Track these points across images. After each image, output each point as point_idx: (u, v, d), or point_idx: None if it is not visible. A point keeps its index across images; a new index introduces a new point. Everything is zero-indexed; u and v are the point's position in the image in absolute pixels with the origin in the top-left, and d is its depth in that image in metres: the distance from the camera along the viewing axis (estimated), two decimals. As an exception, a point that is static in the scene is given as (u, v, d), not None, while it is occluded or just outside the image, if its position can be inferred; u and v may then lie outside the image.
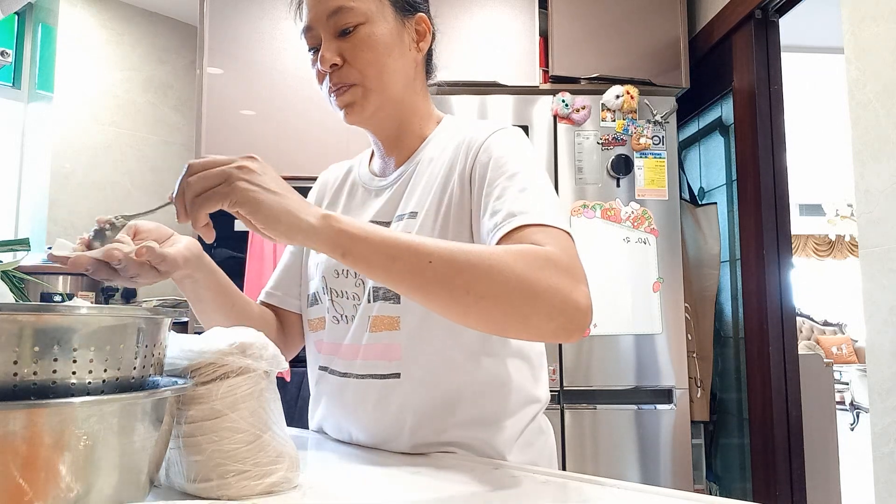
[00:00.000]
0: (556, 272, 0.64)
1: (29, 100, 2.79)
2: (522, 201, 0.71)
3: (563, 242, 0.68)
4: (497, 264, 0.62)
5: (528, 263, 0.63)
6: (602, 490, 0.62)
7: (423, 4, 0.91)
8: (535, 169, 0.79)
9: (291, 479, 0.61)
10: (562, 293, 0.63)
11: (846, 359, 7.26)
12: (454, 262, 0.62)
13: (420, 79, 0.92)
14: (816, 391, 2.33)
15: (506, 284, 0.62)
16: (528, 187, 0.74)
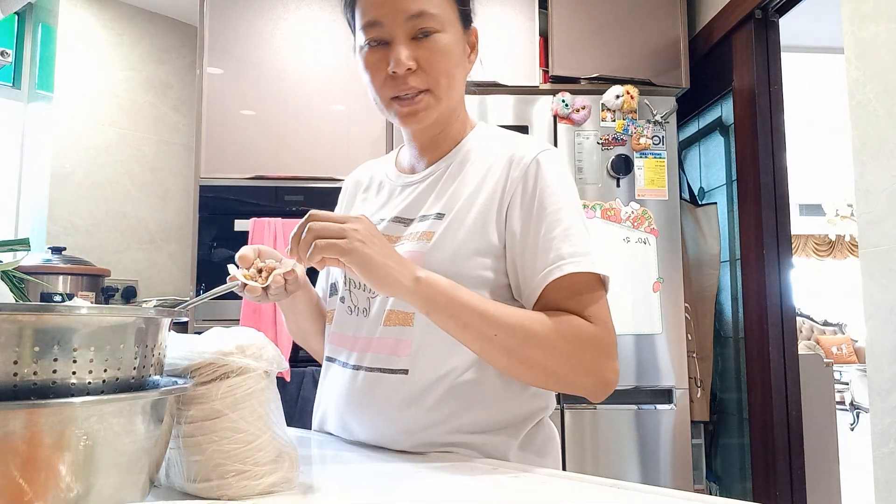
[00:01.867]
0: (597, 354, 0.76)
1: (29, 100, 2.80)
2: (571, 243, 0.76)
3: (604, 308, 0.78)
4: (550, 342, 0.73)
5: (576, 346, 0.74)
6: (602, 490, 0.62)
7: (472, 14, 0.91)
8: (577, 201, 0.82)
9: (291, 479, 0.61)
10: (596, 373, 0.76)
11: (846, 359, 7.26)
12: (515, 336, 0.72)
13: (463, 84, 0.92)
14: (816, 391, 2.33)
15: (554, 361, 0.73)
16: (574, 225, 0.78)
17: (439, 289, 0.71)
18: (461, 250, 0.79)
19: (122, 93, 2.86)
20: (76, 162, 2.69)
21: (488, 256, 0.80)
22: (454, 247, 0.79)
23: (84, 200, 2.71)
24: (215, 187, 2.20)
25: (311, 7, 2.32)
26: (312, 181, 2.25)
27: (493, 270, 0.80)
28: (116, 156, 2.83)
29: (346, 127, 2.29)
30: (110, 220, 2.79)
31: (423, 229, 0.82)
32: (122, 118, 2.85)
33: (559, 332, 0.73)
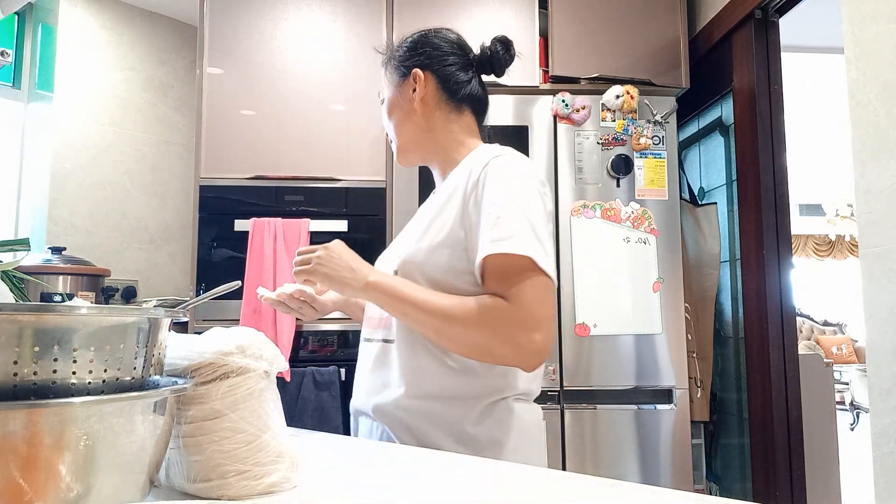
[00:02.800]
0: (510, 328, 0.85)
1: (29, 100, 2.80)
2: (498, 229, 0.88)
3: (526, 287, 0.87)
4: (466, 321, 0.87)
5: (489, 322, 0.86)
6: (602, 490, 0.62)
7: (416, 59, 1.07)
8: (520, 194, 0.92)
9: (291, 479, 0.61)
10: (514, 345, 0.85)
11: (846, 359, 7.26)
12: (438, 319, 0.88)
13: (440, 114, 1.08)
14: (816, 391, 2.33)
15: (472, 336, 0.87)
16: (504, 214, 0.89)
17: (382, 288, 0.92)
18: (434, 244, 0.95)
19: (122, 93, 2.86)
20: (76, 162, 2.69)
21: (457, 249, 0.93)
22: (429, 242, 0.96)
23: (84, 200, 2.71)
24: (215, 187, 2.20)
25: (311, 7, 2.32)
26: (312, 181, 2.25)
27: (459, 259, 0.93)
28: (116, 156, 2.82)
29: (346, 127, 2.29)
30: (110, 220, 2.79)
31: (422, 230, 1.00)
32: (122, 118, 2.85)
33: (474, 312, 0.87)
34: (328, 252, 0.96)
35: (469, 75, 1.10)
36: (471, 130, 1.12)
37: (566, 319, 2.10)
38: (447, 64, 1.08)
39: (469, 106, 1.12)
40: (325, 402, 2.04)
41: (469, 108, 1.12)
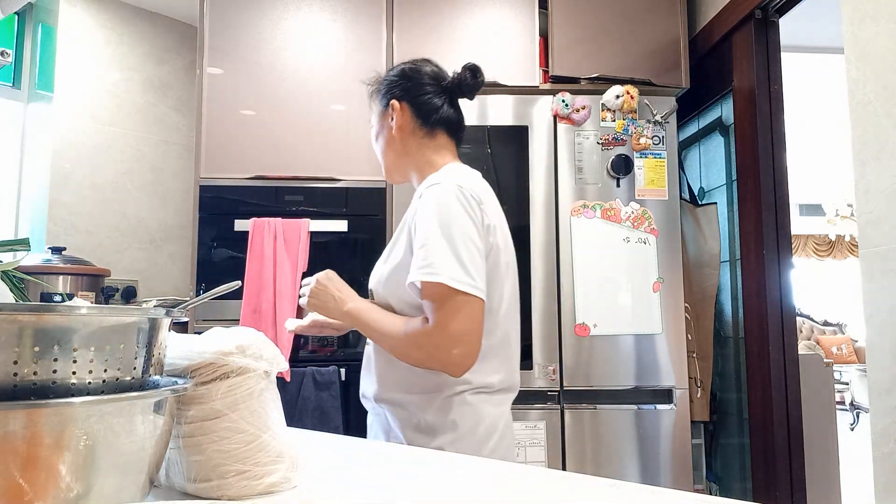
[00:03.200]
0: (431, 345, 1.00)
1: (29, 100, 2.80)
2: (422, 258, 1.01)
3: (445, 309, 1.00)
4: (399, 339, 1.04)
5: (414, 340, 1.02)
6: (602, 490, 0.62)
7: (394, 91, 1.21)
8: (444, 223, 1.03)
9: (291, 479, 0.61)
10: (438, 358, 1.01)
11: (846, 359, 7.27)
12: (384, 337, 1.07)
13: (414, 139, 1.20)
14: (816, 391, 2.33)
15: (405, 350, 1.05)
16: (428, 244, 1.01)
17: (355, 315, 1.11)
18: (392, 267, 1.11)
19: (122, 93, 2.86)
20: (76, 162, 2.69)
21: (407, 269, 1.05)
22: (390, 265, 1.12)
23: (84, 200, 2.71)
24: (215, 187, 2.20)
25: (312, 7, 2.33)
26: (312, 181, 2.25)
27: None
28: (116, 156, 2.82)
29: (346, 127, 2.29)
30: (110, 220, 2.79)
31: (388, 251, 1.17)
32: (122, 118, 2.85)
33: (408, 335, 1.03)
34: (317, 284, 1.14)
35: (441, 101, 1.21)
36: (445, 150, 1.21)
37: (566, 319, 2.10)
38: (420, 94, 1.20)
39: (442, 128, 1.21)
40: (325, 402, 2.04)
41: (443, 131, 1.21)
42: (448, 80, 1.23)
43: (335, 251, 2.21)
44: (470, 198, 1.05)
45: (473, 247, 1.02)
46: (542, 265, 2.13)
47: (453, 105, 1.22)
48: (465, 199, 1.04)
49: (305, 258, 2.15)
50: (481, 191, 1.09)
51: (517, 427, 2.04)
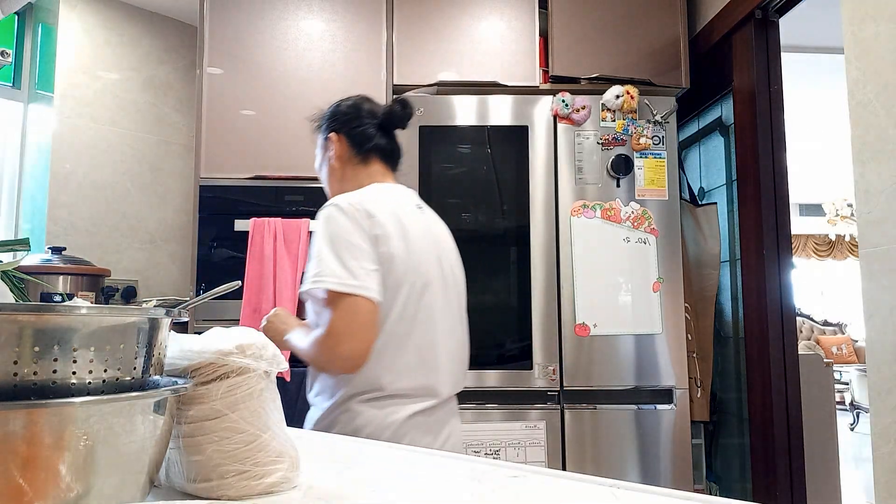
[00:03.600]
0: (326, 348, 1.10)
1: (29, 100, 2.79)
2: (309, 270, 1.13)
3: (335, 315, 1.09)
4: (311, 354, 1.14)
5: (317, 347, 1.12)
6: (602, 490, 0.62)
7: (332, 125, 1.37)
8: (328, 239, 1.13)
9: (291, 479, 0.61)
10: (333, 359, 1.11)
11: (846, 359, 7.27)
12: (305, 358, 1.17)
13: (349, 166, 1.34)
14: (816, 391, 2.33)
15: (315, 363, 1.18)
16: (314, 256, 1.13)
17: (289, 342, 1.21)
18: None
19: (121, 93, 2.86)
20: (76, 162, 2.69)
21: None
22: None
23: (84, 200, 2.71)
24: (215, 187, 2.20)
25: (312, 7, 2.33)
26: (312, 181, 2.24)
27: None
28: (116, 156, 2.82)
29: (346, 127, 2.28)
30: (110, 220, 2.79)
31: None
32: (122, 118, 2.85)
33: (309, 343, 1.14)
34: (267, 321, 1.28)
35: (374, 132, 1.33)
36: (378, 175, 1.32)
37: (566, 319, 2.10)
38: (355, 126, 1.33)
39: (376, 156, 1.33)
40: (325, 402, 2.04)
41: (377, 158, 1.33)
42: (381, 112, 1.36)
43: (335, 251, 2.21)
44: (356, 211, 1.15)
45: (359, 252, 1.11)
46: (542, 265, 2.13)
47: (387, 135, 1.36)
48: (352, 212, 1.15)
49: (305, 258, 2.15)
50: (375, 205, 1.17)
51: (517, 427, 2.05)
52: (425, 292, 1.18)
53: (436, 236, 1.26)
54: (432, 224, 1.28)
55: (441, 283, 1.22)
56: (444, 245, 1.28)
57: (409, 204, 1.26)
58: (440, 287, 1.22)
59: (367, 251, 1.12)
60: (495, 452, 2.02)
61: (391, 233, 1.16)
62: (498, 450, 2.03)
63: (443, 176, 2.19)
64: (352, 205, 1.15)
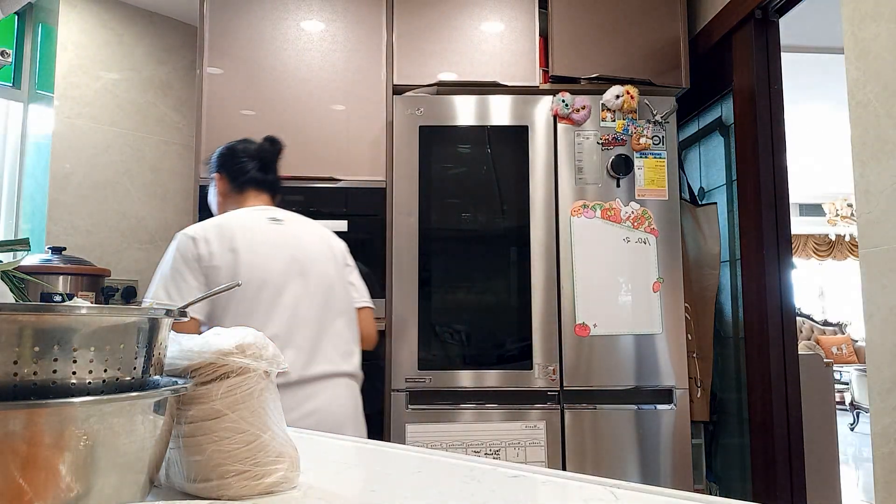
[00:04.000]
0: None
1: (29, 100, 2.80)
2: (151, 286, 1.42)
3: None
4: None
5: None
6: (602, 490, 0.62)
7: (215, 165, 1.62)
8: (161, 265, 1.44)
9: (291, 479, 0.61)
10: None
11: (846, 359, 7.27)
12: None
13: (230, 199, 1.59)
14: (816, 391, 2.33)
15: None
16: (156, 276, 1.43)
17: None
18: None
19: (122, 93, 2.86)
20: (76, 162, 2.69)
21: None
22: None
23: (84, 200, 2.71)
24: (215, 187, 2.20)
25: (311, 7, 2.33)
26: (312, 181, 2.25)
27: None
28: (116, 156, 2.83)
29: (346, 127, 2.29)
30: (110, 220, 2.79)
31: None
32: (122, 118, 2.85)
33: None
34: None
35: (249, 167, 1.57)
36: (250, 201, 1.57)
37: (566, 319, 2.10)
38: (230, 165, 1.58)
39: (250, 186, 1.57)
40: (325, 402, 2.04)
41: (251, 188, 1.57)
42: (253, 150, 1.60)
43: (335, 251, 2.21)
44: (185, 237, 1.42)
45: (184, 277, 1.38)
46: (542, 265, 2.13)
47: (262, 168, 1.59)
48: (184, 242, 1.41)
49: (305, 258, 2.15)
50: (210, 230, 1.42)
51: (517, 427, 2.05)
52: (264, 289, 1.40)
53: (292, 241, 1.49)
54: (290, 231, 1.51)
55: (295, 277, 1.44)
56: (303, 246, 1.50)
57: (259, 220, 1.49)
58: (292, 281, 1.44)
59: (193, 274, 1.38)
60: (495, 452, 2.02)
61: (215, 251, 1.40)
62: (498, 450, 2.03)
63: (443, 176, 2.19)
64: (185, 233, 1.43)
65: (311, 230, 1.56)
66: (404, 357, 2.07)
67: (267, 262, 1.42)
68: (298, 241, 1.50)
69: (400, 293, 2.11)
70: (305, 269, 1.46)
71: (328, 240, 1.58)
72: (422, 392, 2.07)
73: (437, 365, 2.08)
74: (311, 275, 1.47)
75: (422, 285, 2.11)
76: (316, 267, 1.49)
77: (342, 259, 1.59)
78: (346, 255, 1.61)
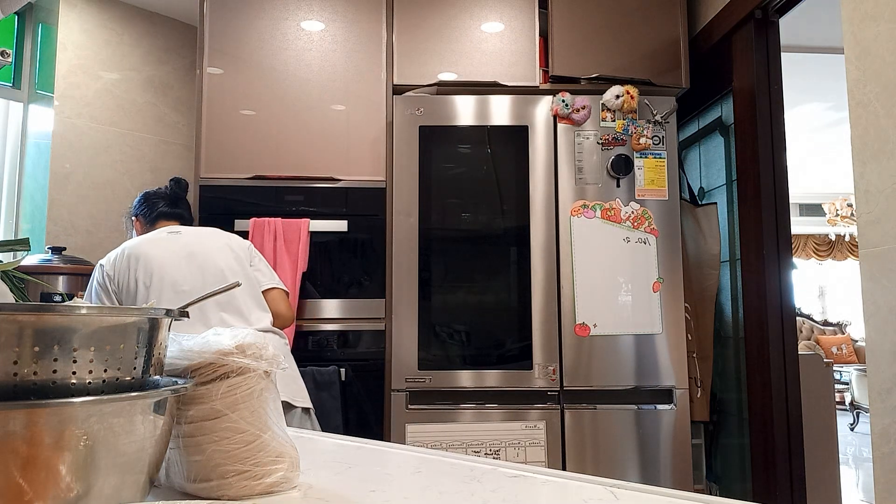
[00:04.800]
0: None
1: (29, 100, 2.79)
2: None
3: None
4: None
5: None
6: (602, 490, 0.62)
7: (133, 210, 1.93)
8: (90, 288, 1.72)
9: (291, 479, 0.61)
10: None
11: (846, 359, 7.27)
12: None
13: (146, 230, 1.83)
14: (816, 391, 2.33)
15: None
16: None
17: None
18: None
19: (122, 93, 2.86)
20: (76, 162, 2.69)
21: None
22: None
23: (84, 200, 2.71)
24: (215, 187, 2.20)
25: (311, 7, 2.33)
26: (312, 181, 2.25)
27: None
28: (116, 156, 2.82)
29: (346, 127, 2.29)
30: (110, 220, 2.79)
31: None
32: (122, 118, 2.85)
33: None
34: None
35: (160, 205, 1.87)
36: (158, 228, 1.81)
37: (566, 319, 2.10)
38: (143, 209, 1.88)
39: (161, 219, 1.86)
40: (325, 401, 2.04)
41: (161, 220, 1.86)
42: (162, 192, 1.90)
43: (335, 251, 2.21)
44: (99, 266, 1.69)
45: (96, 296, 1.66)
46: (542, 265, 2.13)
47: (171, 204, 1.88)
48: (98, 271, 1.69)
49: (305, 258, 2.15)
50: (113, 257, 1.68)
51: (517, 427, 2.05)
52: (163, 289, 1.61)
53: (191, 242, 1.71)
54: (186, 237, 1.72)
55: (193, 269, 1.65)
56: (199, 244, 1.71)
57: (160, 234, 1.73)
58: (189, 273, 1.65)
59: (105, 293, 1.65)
60: (495, 452, 2.02)
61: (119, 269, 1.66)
62: (498, 450, 2.03)
63: (443, 176, 2.19)
64: (100, 262, 1.70)
65: (208, 234, 1.79)
66: (404, 357, 2.07)
67: (160, 265, 1.65)
68: (196, 242, 1.73)
69: (400, 293, 2.11)
70: (200, 262, 1.68)
71: (227, 240, 1.79)
72: (422, 392, 2.07)
73: (437, 365, 2.08)
74: (205, 266, 1.68)
75: (422, 285, 2.11)
76: (211, 259, 1.70)
77: (245, 254, 1.79)
78: (249, 250, 1.82)
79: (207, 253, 1.72)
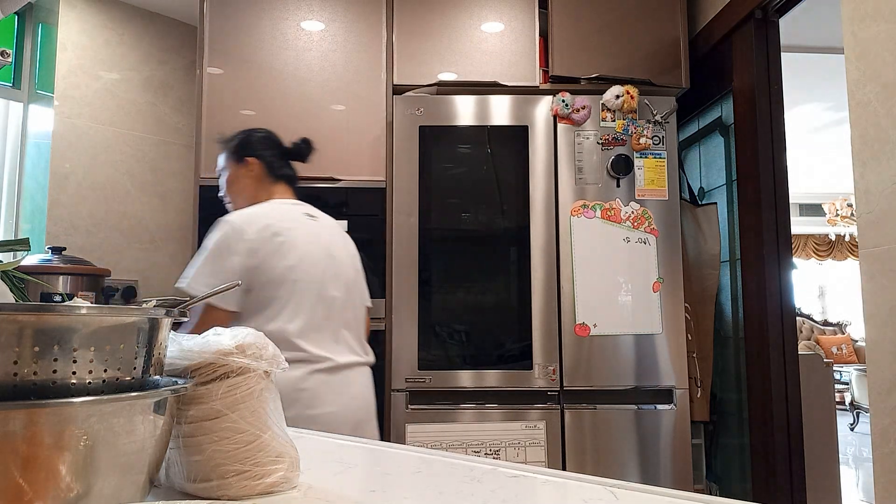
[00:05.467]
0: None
1: (29, 100, 2.79)
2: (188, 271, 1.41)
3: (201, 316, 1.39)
4: None
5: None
6: (602, 490, 0.62)
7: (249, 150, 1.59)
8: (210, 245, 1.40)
9: (291, 479, 0.61)
10: None
11: (846, 359, 7.27)
12: None
13: (262, 187, 1.58)
14: (816, 391, 2.33)
15: None
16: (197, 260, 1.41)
17: None
18: None
19: (122, 93, 2.86)
20: (76, 162, 2.69)
21: None
22: None
23: (84, 200, 2.71)
24: (215, 187, 2.19)
25: (311, 7, 2.33)
26: (312, 181, 2.24)
27: None
28: (116, 156, 2.82)
29: (346, 127, 2.29)
30: (110, 220, 2.79)
31: None
32: (122, 118, 2.85)
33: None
34: None
35: (283, 161, 1.61)
36: (278, 194, 1.58)
37: (566, 319, 2.10)
38: (269, 154, 1.59)
39: (283, 180, 1.60)
40: (325, 402, 2.04)
41: (283, 182, 1.60)
42: (290, 146, 1.64)
43: (335, 251, 2.21)
44: (229, 225, 1.41)
45: (217, 266, 1.37)
46: (542, 265, 2.13)
47: (290, 165, 1.64)
48: (227, 226, 1.41)
49: (305, 258, 2.14)
50: (256, 222, 1.42)
51: (517, 427, 2.05)
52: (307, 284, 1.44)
53: (325, 238, 1.53)
54: (324, 228, 1.55)
55: (331, 274, 1.49)
56: (334, 244, 1.55)
57: (297, 214, 1.52)
58: (329, 278, 1.48)
59: (235, 266, 1.37)
60: (495, 452, 2.02)
61: (260, 238, 1.41)
62: (498, 450, 2.03)
63: (443, 176, 2.19)
64: (230, 221, 1.42)
65: (336, 230, 1.61)
66: (404, 357, 2.07)
67: (307, 258, 1.45)
68: (330, 239, 1.55)
69: (400, 293, 2.11)
70: (336, 266, 1.52)
71: (346, 240, 1.63)
72: (422, 392, 2.07)
73: (437, 365, 2.08)
74: (341, 273, 1.53)
75: (422, 285, 2.11)
76: (343, 265, 1.55)
77: (357, 259, 1.65)
78: (357, 255, 1.66)
79: (341, 258, 1.55)
